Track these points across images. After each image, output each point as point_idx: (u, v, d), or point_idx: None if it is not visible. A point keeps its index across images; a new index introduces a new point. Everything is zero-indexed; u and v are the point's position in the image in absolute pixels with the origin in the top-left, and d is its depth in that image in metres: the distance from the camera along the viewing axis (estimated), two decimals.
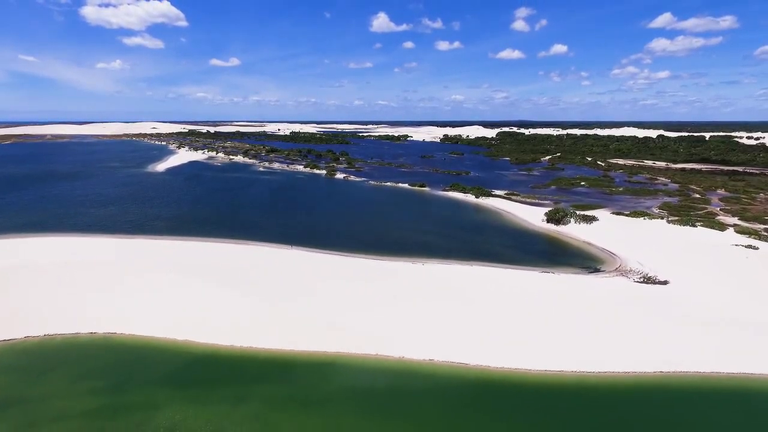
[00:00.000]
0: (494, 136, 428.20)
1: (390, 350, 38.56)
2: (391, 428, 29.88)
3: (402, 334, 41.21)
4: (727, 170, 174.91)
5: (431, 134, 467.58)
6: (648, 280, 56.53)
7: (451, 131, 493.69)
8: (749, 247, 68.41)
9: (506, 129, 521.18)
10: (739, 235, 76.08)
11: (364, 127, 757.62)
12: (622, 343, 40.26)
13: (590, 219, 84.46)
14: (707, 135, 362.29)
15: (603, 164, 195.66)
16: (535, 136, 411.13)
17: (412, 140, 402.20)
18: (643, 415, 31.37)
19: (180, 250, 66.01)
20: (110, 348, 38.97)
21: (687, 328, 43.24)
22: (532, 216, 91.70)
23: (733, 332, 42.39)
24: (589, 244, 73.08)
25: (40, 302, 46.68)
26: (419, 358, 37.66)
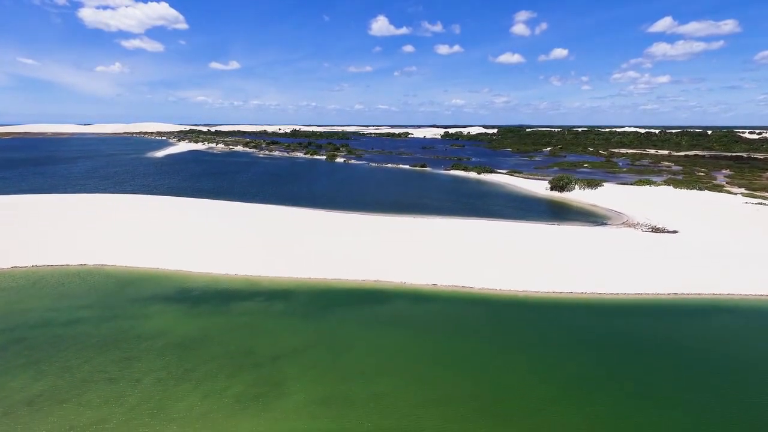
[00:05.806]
0: (495, 132, 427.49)
1: (390, 277, 36.99)
2: (386, 333, 28.23)
3: (402, 265, 39.60)
4: (732, 156, 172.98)
5: (432, 132, 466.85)
6: (656, 230, 54.84)
7: (453, 131, 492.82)
8: (759, 204, 66.73)
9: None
10: (747, 198, 74.37)
11: (365, 128, 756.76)
12: (632, 271, 38.62)
13: (595, 185, 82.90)
14: (709, 132, 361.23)
15: (605, 153, 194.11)
16: (536, 131, 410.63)
17: (413, 137, 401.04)
18: (654, 328, 29.66)
19: (175, 202, 64.66)
20: (100, 275, 37.43)
21: (700, 259, 41.62)
22: (535, 186, 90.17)
23: (746, 262, 40.71)
24: (594, 205, 71.51)
25: (29, 236, 45.29)
26: (421, 283, 36.08)
